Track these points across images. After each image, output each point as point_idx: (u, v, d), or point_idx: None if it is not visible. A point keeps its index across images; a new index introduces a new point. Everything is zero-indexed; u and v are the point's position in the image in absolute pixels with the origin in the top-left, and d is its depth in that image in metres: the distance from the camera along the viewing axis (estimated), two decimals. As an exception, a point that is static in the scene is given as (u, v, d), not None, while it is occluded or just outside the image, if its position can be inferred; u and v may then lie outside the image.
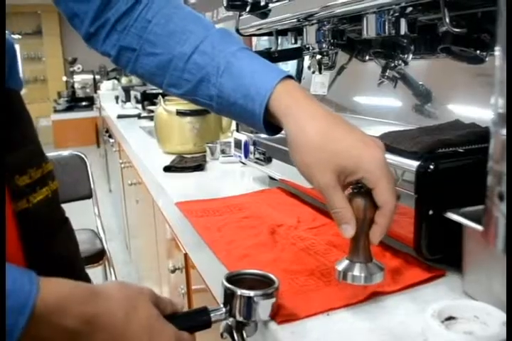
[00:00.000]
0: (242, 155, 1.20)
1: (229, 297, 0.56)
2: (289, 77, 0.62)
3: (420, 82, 0.94)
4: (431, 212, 0.64)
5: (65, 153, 2.25)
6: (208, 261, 0.83)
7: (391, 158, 0.70)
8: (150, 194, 1.55)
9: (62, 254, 0.65)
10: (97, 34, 0.70)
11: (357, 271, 0.58)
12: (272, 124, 0.63)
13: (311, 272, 0.70)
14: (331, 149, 0.56)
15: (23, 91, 0.65)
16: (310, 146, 0.57)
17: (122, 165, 2.54)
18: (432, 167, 0.63)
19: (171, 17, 0.68)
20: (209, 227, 0.90)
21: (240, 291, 0.56)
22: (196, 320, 0.57)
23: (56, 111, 8.13)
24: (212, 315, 0.57)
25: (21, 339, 0.43)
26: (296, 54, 1.18)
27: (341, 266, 0.59)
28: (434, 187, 0.64)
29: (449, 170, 0.64)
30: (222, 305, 0.57)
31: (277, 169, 1.07)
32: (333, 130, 0.58)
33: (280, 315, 0.58)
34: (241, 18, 1.27)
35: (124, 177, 2.64)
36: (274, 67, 0.64)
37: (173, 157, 1.54)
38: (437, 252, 0.67)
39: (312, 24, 1.08)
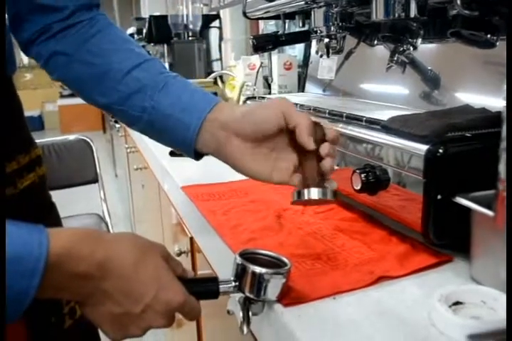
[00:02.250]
0: (249, 140, 1.19)
1: (240, 272, 0.56)
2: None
3: (429, 67, 0.93)
4: (439, 197, 0.63)
5: (71, 137, 2.26)
6: (213, 245, 0.83)
7: (400, 141, 0.69)
8: (156, 178, 1.55)
9: None
10: (35, 40, 0.72)
11: (313, 191, 0.63)
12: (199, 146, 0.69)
13: (317, 256, 0.70)
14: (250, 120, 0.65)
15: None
16: (235, 118, 0.65)
17: (128, 150, 2.54)
18: (441, 151, 0.62)
19: (116, 36, 0.73)
20: (215, 211, 0.89)
21: (252, 267, 0.55)
22: (205, 287, 0.57)
23: (62, 96, 8.12)
24: (221, 286, 0.57)
25: (39, 291, 0.45)
26: (303, 37, 1.16)
27: (297, 190, 0.64)
28: (443, 172, 0.63)
29: (458, 154, 0.63)
30: (232, 278, 0.57)
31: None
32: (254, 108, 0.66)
33: (287, 297, 0.58)
34: (248, 1, 1.26)
35: (130, 162, 2.64)
36: (209, 93, 0.71)
37: (179, 142, 1.53)
38: (445, 237, 0.66)
39: (320, 7, 1.06)
